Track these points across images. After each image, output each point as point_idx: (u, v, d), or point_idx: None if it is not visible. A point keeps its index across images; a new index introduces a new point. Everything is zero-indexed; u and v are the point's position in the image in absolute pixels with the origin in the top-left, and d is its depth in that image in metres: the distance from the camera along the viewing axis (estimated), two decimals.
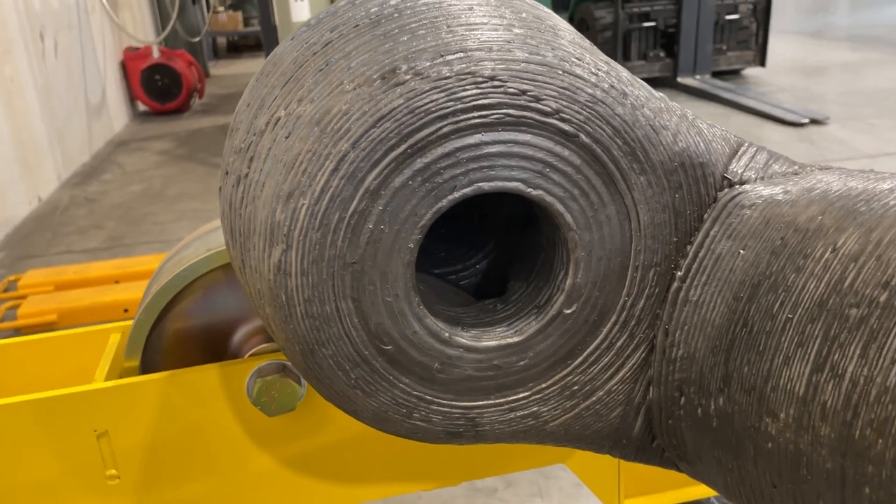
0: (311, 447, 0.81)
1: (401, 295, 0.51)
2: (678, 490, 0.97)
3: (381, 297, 0.51)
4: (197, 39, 7.28)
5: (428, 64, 0.49)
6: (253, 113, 0.57)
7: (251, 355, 0.81)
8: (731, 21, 6.17)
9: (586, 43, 0.55)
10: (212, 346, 0.84)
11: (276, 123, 0.53)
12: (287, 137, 0.51)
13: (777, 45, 6.74)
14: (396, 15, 0.54)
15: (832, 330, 0.44)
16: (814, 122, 4.86)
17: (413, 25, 0.52)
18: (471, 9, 0.54)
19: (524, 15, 0.54)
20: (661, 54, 6.08)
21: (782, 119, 4.93)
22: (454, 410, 0.56)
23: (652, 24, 6.02)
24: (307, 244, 0.49)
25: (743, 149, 0.57)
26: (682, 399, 0.57)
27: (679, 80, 5.99)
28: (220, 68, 8.97)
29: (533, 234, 0.62)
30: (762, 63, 6.30)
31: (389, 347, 0.52)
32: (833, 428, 0.44)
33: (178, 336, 0.82)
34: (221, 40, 10.30)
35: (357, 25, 0.55)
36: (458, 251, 0.69)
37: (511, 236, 0.67)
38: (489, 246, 0.68)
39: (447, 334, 0.53)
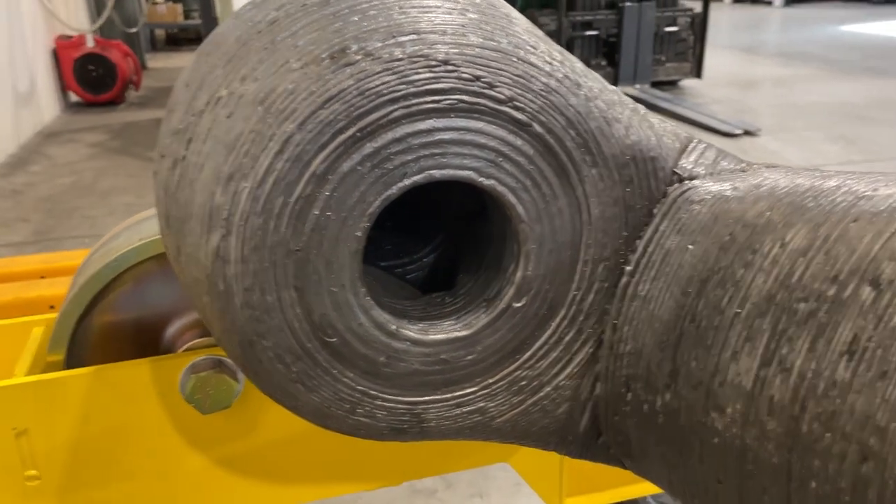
0: (248, 446, 0.78)
1: (347, 285, 0.49)
2: (619, 488, 0.98)
3: (325, 286, 0.49)
4: (134, 30, 7.06)
5: (379, 45, 0.47)
6: (192, 93, 0.55)
7: (185, 350, 0.78)
8: (669, 33, 6.32)
9: (539, 32, 0.54)
10: (143, 340, 0.80)
11: (216, 103, 0.50)
12: (229, 117, 0.48)
13: (713, 59, 6.94)
14: None
15: (780, 324, 0.45)
16: (747, 133, 5.02)
17: (364, 6, 0.50)
18: None
19: (480, 2, 0.53)
20: (603, 63, 6.19)
21: (717, 129, 5.08)
22: (399, 406, 0.54)
23: (594, 32, 6.12)
24: (248, 230, 0.47)
25: (692, 145, 0.57)
26: (629, 395, 0.56)
27: (619, 88, 6.09)
28: (157, 61, 8.72)
29: (482, 227, 0.60)
30: (699, 75, 6.47)
31: (334, 340, 0.50)
32: (780, 422, 0.44)
33: (107, 329, 0.78)
34: (160, 32, 10.02)
35: (305, 5, 0.52)
36: (405, 244, 0.67)
37: (460, 229, 0.65)
38: (437, 239, 0.67)
39: (394, 327, 0.52)
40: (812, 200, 0.47)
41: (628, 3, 5.99)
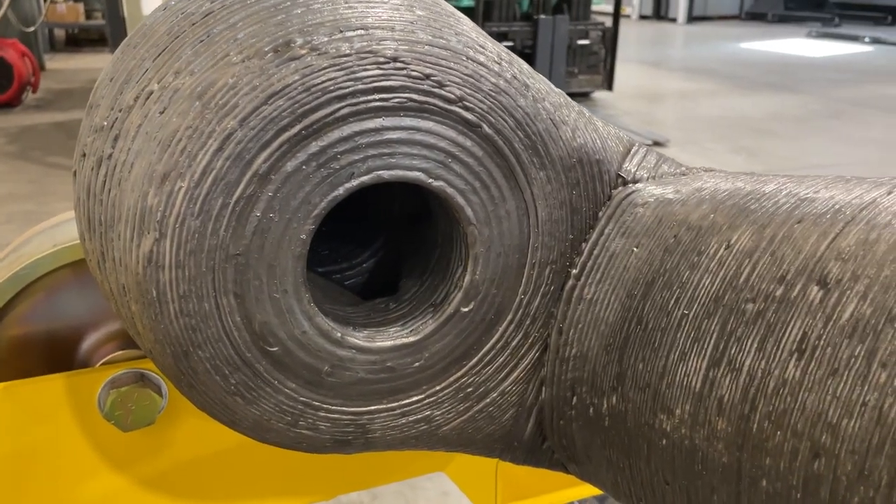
0: (172, 464, 0.74)
1: (290, 290, 0.47)
2: (554, 493, 0.98)
3: (267, 292, 0.46)
4: (31, 29, 6.69)
5: (325, 39, 0.45)
6: (118, 87, 0.51)
7: (103, 364, 0.73)
8: (582, 46, 6.49)
9: (484, 32, 0.54)
10: (56, 354, 0.74)
11: (147, 98, 0.47)
12: (162, 113, 0.45)
13: (622, 72, 7.17)
14: None
15: (729, 325, 0.45)
16: (656, 143, 5.20)
17: None
18: None
19: None
20: None
21: None
22: (344, 417, 0.52)
23: (510, 44, 6.22)
24: (184, 232, 0.44)
25: (634, 149, 0.57)
26: (574, 399, 0.56)
27: None
28: (57, 62, 8.30)
29: (425, 230, 0.59)
30: (610, 87, 6.67)
31: (275, 349, 0.48)
32: (730, 422, 0.44)
33: (16, 343, 0.72)
34: (60, 32, 9.54)
35: None
36: (343, 249, 0.65)
37: (401, 233, 0.64)
38: (377, 244, 0.65)
39: (339, 334, 0.49)
40: (755, 203, 0.48)
41: (543, 16, 6.12)
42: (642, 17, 15.77)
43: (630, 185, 0.55)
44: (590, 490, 1.04)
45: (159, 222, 0.44)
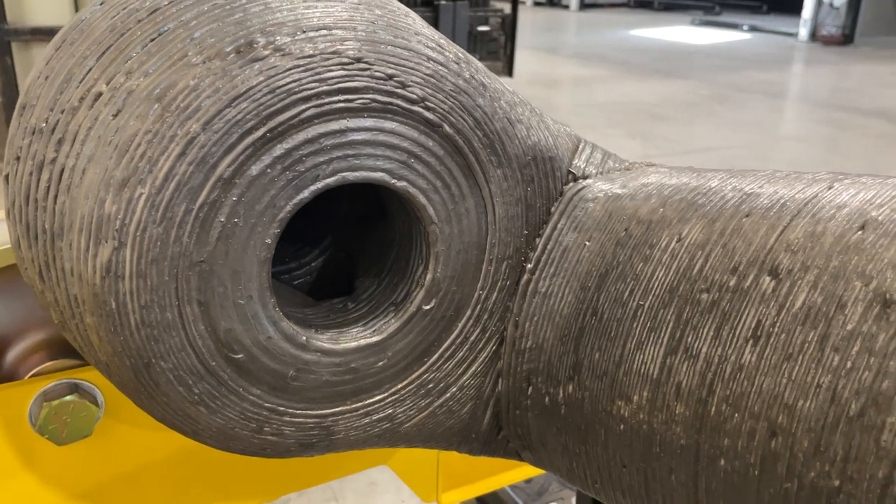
0: (110, 476, 0.71)
1: (255, 296, 0.46)
2: (490, 478, 1.00)
3: (232, 299, 0.45)
4: None
5: (288, 39, 0.44)
6: (56, 87, 0.48)
7: (32, 376, 0.69)
8: (482, 32, 6.55)
9: (438, 32, 0.54)
10: None
11: (96, 99, 0.45)
12: (116, 116, 0.43)
13: (520, 59, 7.30)
14: None
15: (684, 314, 0.48)
16: None
17: None
18: None
19: None
20: None
21: None
22: (308, 420, 0.51)
23: None
24: (146, 241, 0.42)
25: (582, 145, 0.59)
26: (530, 389, 0.58)
27: None
28: None
29: (377, 229, 0.59)
30: (510, 74, 6.77)
31: (240, 356, 0.47)
32: (688, 406, 0.47)
33: None
34: None
35: None
36: (290, 248, 0.64)
37: (349, 231, 0.63)
38: (325, 242, 0.64)
39: (304, 338, 0.49)
40: (702, 197, 0.51)
41: (443, 2, 6.13)
42: (536, 4, 16.08)
43: (580, 180, 0.57)
44: (525, 473, 1.07)
45: (118, 230, 0.42)
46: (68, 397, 0.65)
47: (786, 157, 5.25)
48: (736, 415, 0.44)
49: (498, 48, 6.64)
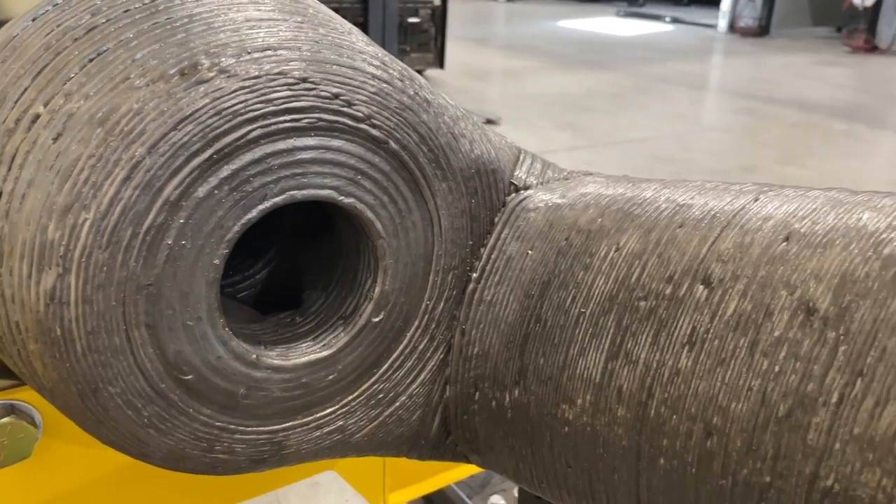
0: (52, 496, 0.69)
1: (204, 317, 0.46)
2: (435, 477, 1.02)
3: (181, 321, 0.45)
4: None
5: (233, 61, 0.44)
6: None
7: None
8: (412, 24, 6.55)
9: (381, 48, 0.54)
10: None
11: (33, 121, 0.44)
12: (56, 140, 0.42)
13: (451, 50, 7.33)
14: (178, 1, 0.48)
15: (624, 321, 0.50)
16: (489, 122, 5.39)
17: (204, 15, 0.46)
18: (263, 2, 0.50)
19: (319, 15, 0.52)
20: None
21: None
22: (259, 437, 0.52)
23: None
24: (91, 266, 0.42)
25: (522, 156, 0.61)
26: (478, 394, 0.59)
27: None
28: None
29: (325, 241, 0.59)
30: (441, 65, 6.80)
31: (190, 377, 0.47)
32: (629, 409, 0.49)
33: None
34: None
35: (128, 10, 0.47)
36: (233, 261, 0.63)
37: (294, 244, 0.63)
38: (269, 255, 0.64)
39: (254, 356, 0.49)
40: (638, 208, 0.53)
41: None
42: None
43: (522, 191, 0.59)
44: (470, 469, 1.10)
45: (62, 257, 0.41)
46: (5, 419, 0.63)
47: (708, 147, 5.43)
48: (674, 416, 0.46)
49: (429, 40, 6.64)
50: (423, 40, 6.64)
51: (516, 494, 1.50)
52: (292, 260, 0.64)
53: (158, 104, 0.42)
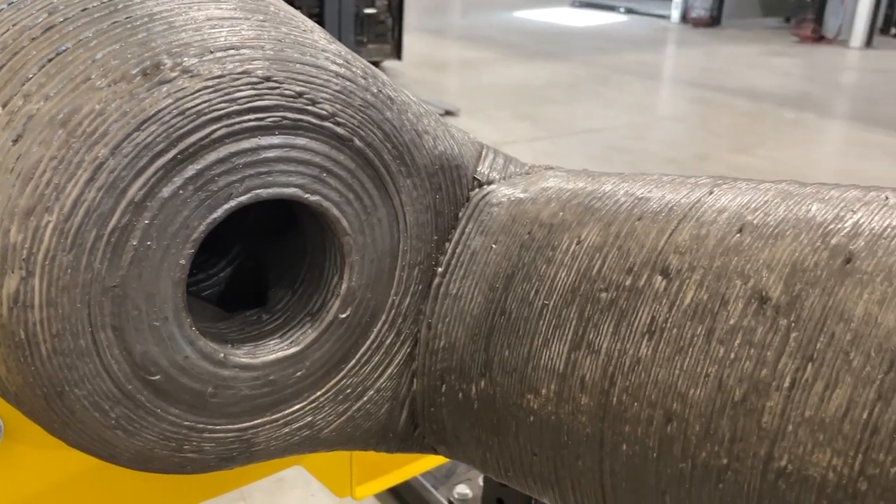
0: (14, 500, 0.68)
1: (170, 318, 0.46)
2: (402, 469, 1.03)
3: (147, 322, 0.45)
4: None
5: (196, 60, 0.44)
6: None
7: None
8: (369, 15, 6.51)
9: (343, 46, 0.55)
10: None
11: None
12: (16, 142, 0.42)
13: (408, 41, 7.30)
14: (138, 0, 0.47)
15: (586, 312, 0.51)
16: (448, 113, 5.39)
17: (165, 14, 0.46)
18: (224, 0, 0.50)
19: (281, 13, 0.52)
20: None
21: None
22: (228, 435, 0.52)
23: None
24: (55, 269, 0.41)
25: (484, 152, 0.62)
26: (444, 387, 0.60)
27: None
28: None
29: (290, 238, 0.60)
30: (399, 57, 6.77)
31: (157, 377, 0.47)
32: (592, 397, 0.50)
33: None
34: None
35: (86, 9, 0.47)
36: (196, 259, 0.63)
37: (258, 241, 0.63)
38: (232, 252, 0.64)
39: (222, 355, 0.49)
40: (598, 202, 0.55)
41: None
42: None
43: (485, 186, 0.60)
44: (436, 460, 1.11)
45: (25, 260, 0.41)
46: None
47: (662, 137, 5.52)
48: (635, 404, 0.48)
49: (385, 31, 6.61)
50: (379, 31, 6.60)
51: (481, 483, 1.52)
52: (256, 258, 0.64)
53: (121, 105, 0.42)
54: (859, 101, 7.13)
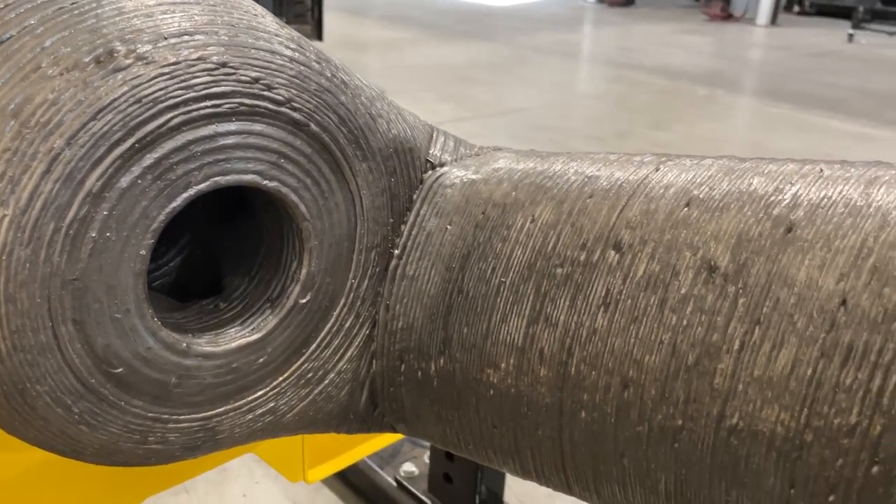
0: None
1: (132, 309, 0.45)
2: (351, 451, 1.04)
3: (108, 314, 0.44)
4: None
5: (150, 47, 0.43)
6: None
7: None
8: None
9: (295, 32, 0.54)
10: None
11: None
12: None
13: (329, 21, 7.17)
14: None
15: (542, 287, 0.53)
16: None
17: None
18: None
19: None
20: None
21: None
22: (193, 424, 0.51)
23: None
24: (13, 264, 0.40)
25: (435, 134, 0.62)
26: (403, 366, 0.61)
27: None
28: None
29: (242, 225, 0.59)
30: (320, 37, 6.63)
31: (120, 370, 0.46)
32: (551, 368, 0.53)
33: None
34: None
35: None
36: None
37: (210, 230, 0.62)
38: (182, 241, 0.63)
39: (185, 345, 0.49)
40: (549, 181, 0.57)
41: None
42: None
43: (437, 168, 0.61)
44: (385, 441, 1.12)
45: None
46: None
47: (584, 115, 5.64)
48: (593, 372, 0.50)
49: (305, 11, 6.47)
50: (299, 11, 6.46)
51: (427, 461, 1.55)
52: (207, 246, 0.63)
53: (75, 93, 0.40)
54: (765, 77, 7.45)
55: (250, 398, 0.54)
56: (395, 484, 1.56)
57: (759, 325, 0.42)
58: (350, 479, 1.59)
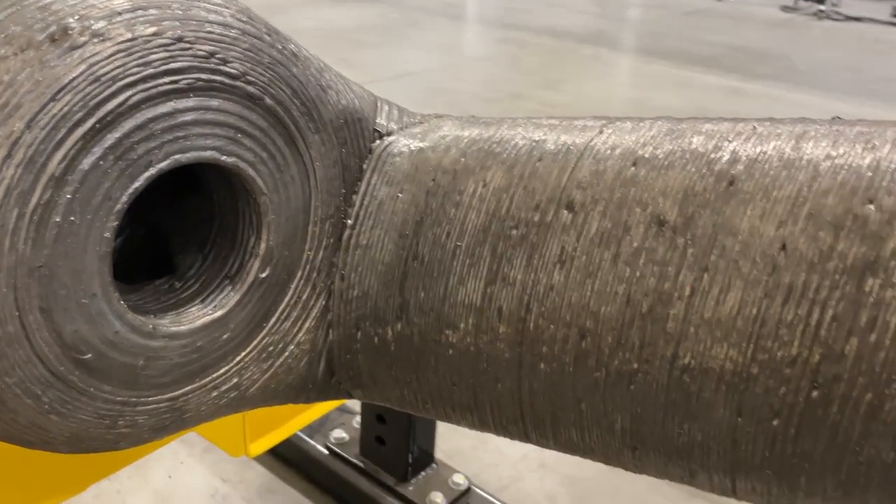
0: None
1: (99, 293, 0.45)
2: (289, 423, 1.04)
3: (75, 300, 0.43)
4: None
5: (104, 23, 0.42)
6: None
7: None
8: None
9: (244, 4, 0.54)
10: None
11: None
12: None
13: None
14: None
15: (498, 249, 0.55)
16: None
17: None
18: None
19: None
20: None
21: None
22: (160, 405, 0.51)
23: None
24: None
25: (380, 104, 0.63)
26: (359, 334, 0.63)
27: None
28: None
29: (190, 203, 0.58)
30: None
31: (88, 356, 0.45)
32: (510, 325, 0.55)
33: None
34: None
35: None
36: None
37: (153, 208, 0.61)
38: (123, 223, 0.61)
39: (151, 326, 0.48)
40: (498, 147, 0.59)
41: None
42: None
43: (385, 137, 0.61)
44: (319, 411, 1.13)
45: None
46: None
47: (477, 77, 5.68)
48: (551, 326, 0.53)
49: None
50: None
51: (356, 425, 1.56)
52: (149, 226, 0.62)
53: (32, 74, 0.39)
54: (644, 36, 7.72)
55: (214, 375, 0.54)
56: (326, 451, 1.58)
57: (707, 272, 0.46)
58: (280, 452, 1.58)
